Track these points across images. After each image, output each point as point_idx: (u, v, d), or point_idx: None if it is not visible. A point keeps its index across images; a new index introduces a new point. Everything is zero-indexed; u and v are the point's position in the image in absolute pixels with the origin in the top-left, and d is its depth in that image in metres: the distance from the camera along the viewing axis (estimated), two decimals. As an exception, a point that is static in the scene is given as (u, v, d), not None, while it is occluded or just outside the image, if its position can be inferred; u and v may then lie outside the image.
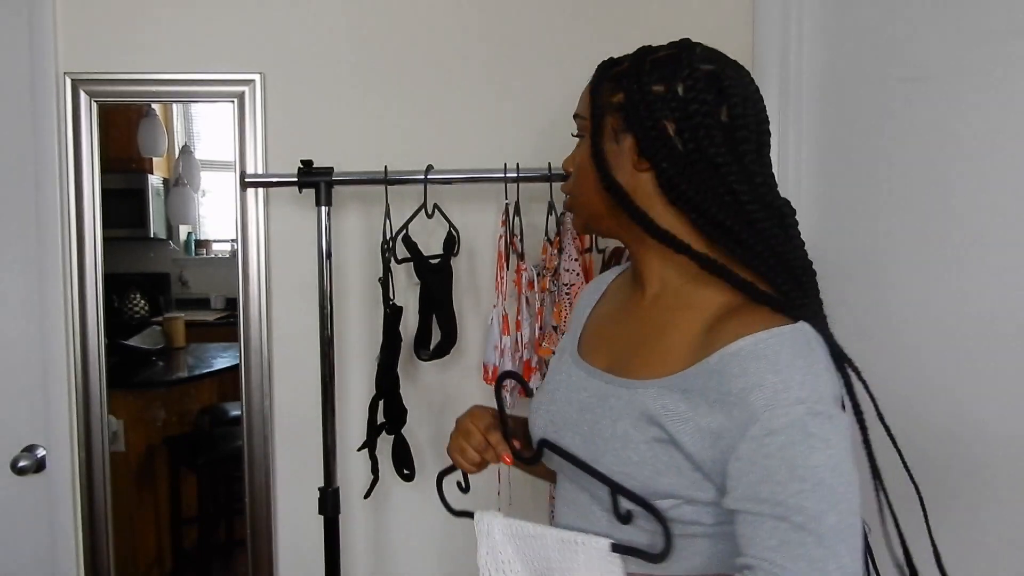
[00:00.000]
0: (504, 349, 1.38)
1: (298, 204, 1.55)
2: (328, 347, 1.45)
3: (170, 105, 1.54)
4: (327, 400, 1.46)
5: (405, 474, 1.47)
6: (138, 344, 1.96)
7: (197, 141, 1.55)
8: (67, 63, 1.51)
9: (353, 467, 1.60)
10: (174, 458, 2.00)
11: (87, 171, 1.51)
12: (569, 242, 1.38)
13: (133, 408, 1.81)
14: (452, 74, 1.57)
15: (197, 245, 2.14)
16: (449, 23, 1.57)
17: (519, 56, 1.58)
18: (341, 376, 1.56)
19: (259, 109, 1.53)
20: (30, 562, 1.54)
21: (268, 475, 1.57)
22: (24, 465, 1.49)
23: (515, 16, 1.57)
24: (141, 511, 1.79)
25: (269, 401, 1.57)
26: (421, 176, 1.43)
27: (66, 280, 1.51)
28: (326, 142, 1.55)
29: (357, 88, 1.56)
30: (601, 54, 1.62)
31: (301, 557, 1.60)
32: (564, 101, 1.59)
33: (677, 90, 0.84)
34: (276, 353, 1.58)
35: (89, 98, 1.50)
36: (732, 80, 0.85)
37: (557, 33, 1.58)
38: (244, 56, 1.54)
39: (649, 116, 0.84)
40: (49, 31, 1.49)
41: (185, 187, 1.94)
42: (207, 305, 2.14)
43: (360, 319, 1.59)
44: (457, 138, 1.57)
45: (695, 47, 0.89)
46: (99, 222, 1.53)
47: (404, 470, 1.47)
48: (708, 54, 0.88)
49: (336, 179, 1.43)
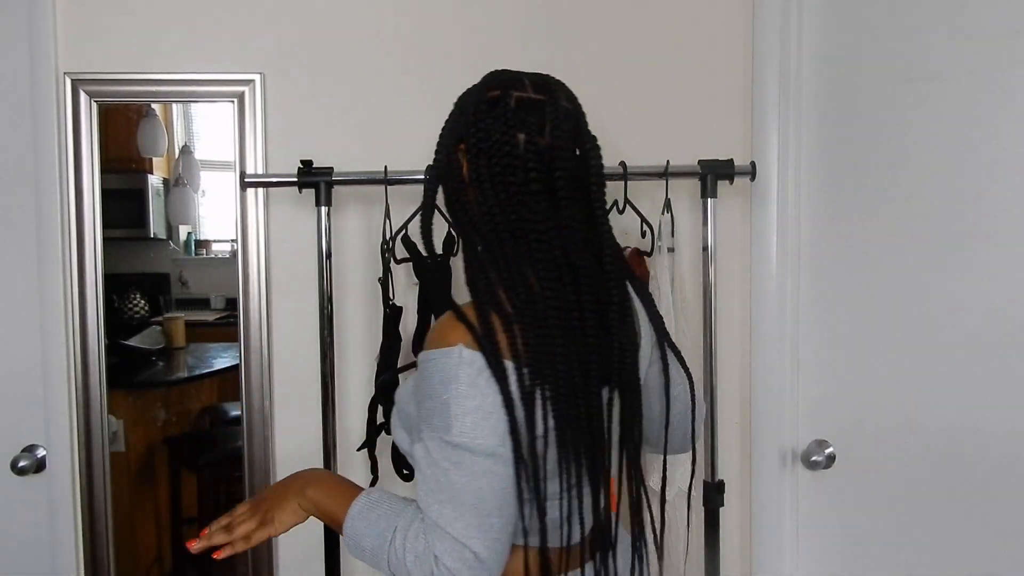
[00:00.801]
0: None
1: (298, 204, 1.55)
2: (328, 347, 1.45)
3: (170, 105, 1.54)
4: (327, 400, 1.46)
5: (405, 474, 1.47)
6: (138, 344, 1.96)
7: (197, 141, 1.55)
8: (67, 63, 1.51)
9: (353, 467, 1.60)
10: (174, 458, 2.00)
11: (87, 171, 1.51)
12: (569, 242, 1.38)
13: (133, 408, 1.81)
14: (452, 74, 1.57)
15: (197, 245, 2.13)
16: (449, 23, 1.57)
17: (519, 56, 1.58)
18: (341, 376, 1.56)
19: (259, 109, 1.53)
20: (30, 562, 1.54)
21: (268, 475, 1.57)
22: (24, 465, 1.49)
23: (515, 16, 1.57)
24: (141, 511, 1.79)
25: (269, 401, 1.57)
26: (421, 176, 1.43)
27: (66, 280, 1.51)
28: (326, 142, 1.55)
29: (357, 88, 1.56)
30: (601, 54, 1.62)
31: (301, 558, 1.60)
32: (564, 101, 1.59)
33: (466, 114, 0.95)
34: (276, 353, 1.58)
35: (89, 98, 1.50)
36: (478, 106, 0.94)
37: (556, 34, 1.58)
38: (244, 56, 1.54)
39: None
40: (49, 31, 1.49)
41: (185, 187, 1.94)
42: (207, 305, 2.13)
43: (360, 319, 1.59)
44: (457, 138, 1.57)
45: (499, 74, 0.97)
46: (99, 222, 1.53)
47: (404, 470, 1.47)
48: (491, 80, 0.96)
49: (336, 179, 1.43)
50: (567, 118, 0.93)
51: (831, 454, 1.53)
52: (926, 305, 1.38)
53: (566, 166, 0.91)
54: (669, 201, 1.46)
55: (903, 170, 1.40)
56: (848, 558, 1.52)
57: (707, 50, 1.60)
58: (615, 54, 1.59)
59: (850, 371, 1.49)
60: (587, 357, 0.89)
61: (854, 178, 1.47)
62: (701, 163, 1.46)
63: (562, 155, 0.91)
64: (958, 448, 1.36)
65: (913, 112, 1.38)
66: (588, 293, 0.90)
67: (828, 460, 1.52)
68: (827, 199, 1.52)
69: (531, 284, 0.89)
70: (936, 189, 1.36)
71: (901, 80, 1.39)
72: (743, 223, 1.62)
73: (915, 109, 1.37)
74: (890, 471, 1.45)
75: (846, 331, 1.50)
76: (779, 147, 1.56)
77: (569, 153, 0.92)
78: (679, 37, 1.60)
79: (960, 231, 1.33)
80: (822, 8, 1.51)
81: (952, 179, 1.34)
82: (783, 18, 1.54)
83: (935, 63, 1.34)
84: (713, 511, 1.50)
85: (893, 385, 1.44)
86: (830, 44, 1.50)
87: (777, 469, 1.59)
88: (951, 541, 1.38)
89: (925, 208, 1.37)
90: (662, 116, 1.60)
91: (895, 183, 1.41)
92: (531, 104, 0.92)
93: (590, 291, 0.90)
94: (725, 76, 1.60)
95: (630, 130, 1.59)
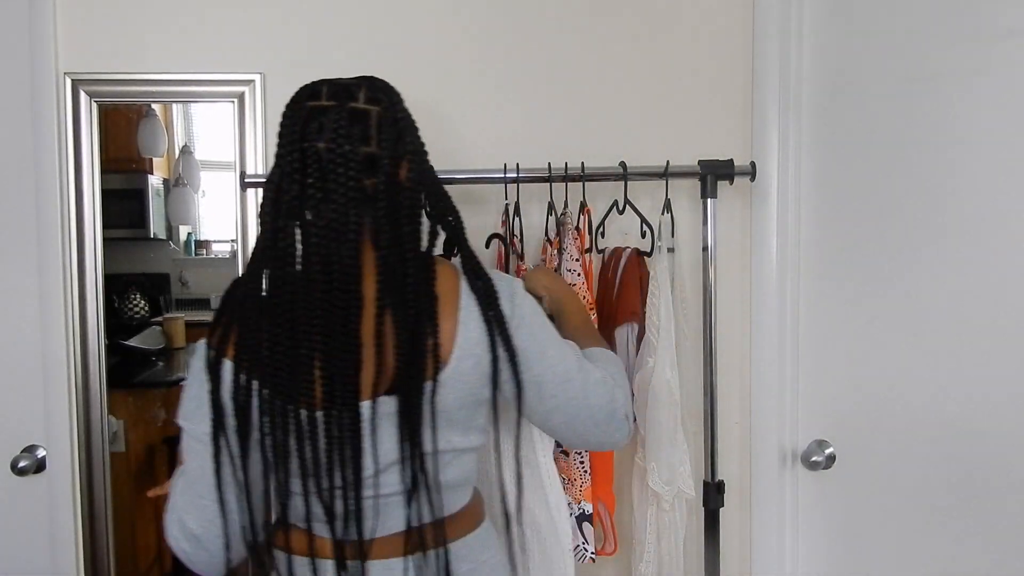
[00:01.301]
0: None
1: (298, 204, 1.55)
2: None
3: (170, 105, 1.54)
4: (327, 400, 1.46)
5: None
6: (138, 344, 1.96)
7: (197, 141, 1.55)
8: (67, 63, 1.51)
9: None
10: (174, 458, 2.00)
11: (87, 171, 1.51)
12: (570, 242, 1.38)
13: (133, 408, 1.81)
14: (451, 75, 1.57)
15: (197, 245, 2.13)
16: (448, 24, 1.57)
17: (518, 57, 1.58)
18: (341, 376, 1.56)
19: (259, 109, 1.53)
20: (30, 562, 1.54)
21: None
22: (24, 465, 1.49)
23: (514, 16, 1.57)
24: (141, 511, 1.79)
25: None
26: (421, 176, 1.43)
27: (66, 280, 1.51)
28: (326, 142, 1.55)
29: (357, 88, 1.56)
30: (600, 54, 1.62)
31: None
32: (564, 101, 1.59)
33: None
34: (276, 353, 1.58)
35: (89, 98, 1.50)
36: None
37: (555, 34, 1.58)
38: (244, 56, 1.54)
39: None
40: (49, 31, 1.49)
41: (185, 187, 1.94)
42: (207, 305, 2.13)
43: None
44: (456, 139, 1.57)
45: (308, 85, 1.02)
46: (99, 222, 1.53)
47: None
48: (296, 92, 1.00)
49: (336, 179, 1.43)
50: (354, 122, 0.93)
51: (831, 454, 1.53)
52: (927, 305, 1.38)
53: (332, 168, 0.91)
54: (669, 201, 1.46)
55: (903, 170, 1.40)
56: (848, 559, 1.52)
57: (707, 50, 1.60)
58: (615, 54, 1.59)
59: (850, 371, 1.49)
60: (329, 363, 0.91)
61: (854, 178, 1.47)
62: (701, 163, 1.46)
63: (332, 156, 0.91)
64: (959, 448, 1.36)
65: (913, 112, 1.38)
66: (316, 299, 0.91)
67: (828, 460, 1.52)
68: (827, 199, 1.52)
69: (261, 288, 0.94)
70: (936, 189, 1.36)
71: (901, 80, 1.39)
72: (743, 223, 1.62)
73: (915, 109, 1.37)
74: (891, 471, 1.45)
75: (846, 331, 1.50)
76: (779, 147, 1.56)
77: (345, 154, 0.92)
78: (679, 37, 1.60)
79: (960, 231, 1.33)
80: (822, 8, 1.51)
81: (952, 179, 1.34)
82: (783, 18, 1.54)
83: (935, 63, 1.34)
84: (713, 511, 1.50)
85: (894, 385, 1.44)
86: (830, 44, 1.50)
87: (777, 469, 1.59)
88: (952, 541, 1.38)
89: (925, 208, 1.37)
90: (662, 116, 1.60)
91: (895, 183, 1.41)
92: (319, 111, 0.94)
93: (326, 297, 0.90)
94: (725, 76, 1.60)
95: (630, 130, 1.59)
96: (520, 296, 1.02)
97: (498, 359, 0.98)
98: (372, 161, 0.93)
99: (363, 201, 0.92)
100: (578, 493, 1.38)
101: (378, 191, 0.94)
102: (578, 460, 1.38)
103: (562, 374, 1.01)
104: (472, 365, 0.97)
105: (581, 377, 1.02)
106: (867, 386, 1.47)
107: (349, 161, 0.91)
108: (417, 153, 0.99)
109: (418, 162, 0.99)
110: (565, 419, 1.03)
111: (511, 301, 1.00)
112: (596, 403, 1.02)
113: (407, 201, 0.95)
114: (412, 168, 0.97)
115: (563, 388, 1.01)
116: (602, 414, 1.03)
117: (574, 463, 1.38)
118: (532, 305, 1.03)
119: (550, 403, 1.01)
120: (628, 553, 1.52)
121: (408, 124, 0.99)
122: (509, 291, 1.01)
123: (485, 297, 0.99)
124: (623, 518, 1.53)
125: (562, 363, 1.01)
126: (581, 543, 1.37)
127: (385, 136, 0.95)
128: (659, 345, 1.39)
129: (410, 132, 0.99)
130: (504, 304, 0.99)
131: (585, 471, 1.38)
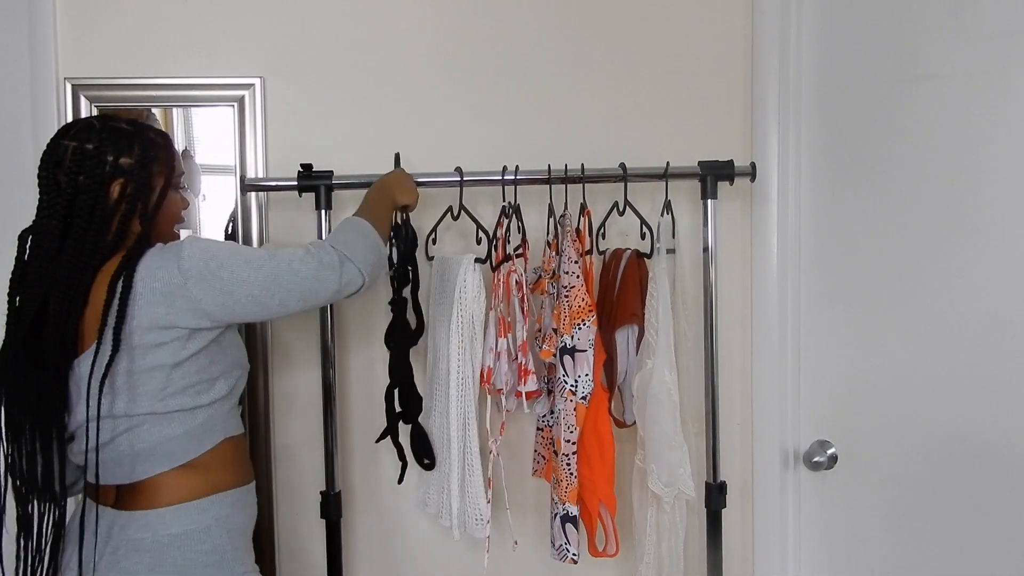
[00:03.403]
0: (500, 352, 1.38)
1: (298, 208, 1.56)
2: (328, 349, 1.45)
3: (170, 109, 1.54)
4: (328, 402, 1.46)
5: (425, 463, 1.46)
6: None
7: (197, 145, 1.55)
8: (67, 68, 1.51)
9: (354, 465, 1.60)
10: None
11: (88, 176, 1.51)
12: (568, 244, 1.38)
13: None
14: (452, 77, 1.57)
15: (199, 248, 2.14)
16: (449, 26, 1.57)
17: (518, 58, 1.58)
18: (341, 376, 1.56)
19: (259, 113, 1.53)
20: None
21: (269, 478, 1.57)
22: None
23: (513, 18, 1.58)
24: None
25: (269, 401, 1.57)
26: (422, 179, 1.43)
27: (67, 285, 1.51)
28: (326, 146, 1.56)
29: (357, 92, 1.57)
30: (600, 55, 1.62)
31: (303, 560, 1.60)
32: (564, 102, 1.59)
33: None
34: (276, 354, 1.58)
35: (89, 103, 1.51)
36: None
37: (555, 36, 1.58)
38: (244, 60, 1.54)
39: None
40: (49, 36, 1.50)
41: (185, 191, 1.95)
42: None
43: (360, 320, 1.59)
44: (456, 140, 1.58)
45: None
46: (100, 226, 1.53)
47: (424, 459, 1.46)
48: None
49: (336, 183, 1.43)
50: (54, 152, 1.13)
51: (833, 455, 1.52)
52: (927, 305, 1.38)
53: (49, 197, 1.13)
54: (669, 202, 1.46)
55: (903, 170, 1.40)
56: (851, 559, 1.52)
57: (707, 50, 1.60)
58: (615, 55, 1.59)
59: (852, 371, 1.49)
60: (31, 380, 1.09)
61: (854, 178, 1.47)
62: (701, 164, 1.46)
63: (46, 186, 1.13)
64: (961, 448, 1.35)
65: (913, 112, 1.37)
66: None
67: (830, 461, 1.52)
68: (827, 199, 1.52)
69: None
70: (936, 189, 1.36)
71: (901, 80, 1.39)
72: (743, 224, 1.62)
73: (915, 109, 1.37)
74: (893, 471, 1.45)
75: (847, 331, 1.50)
76: (779, 147, 1.56)
77: (56, 185, 1.13)
78: (679, 37, 1.60)
79: (960, 230, 1.33)
80: (822, 8, 1.51)
81: (952, 179, 1.34)
82: (783, 18, 1.54)
83: (935, 63, 1.34)
84: (715, 512, 1.50)
85: (895, 385, 1.43)
86: (830, 44, 1.50)
87: (779, 470, 1.59)
88: (954, 542, 1.38)
89: (925, 208, 1.37)
90: (662, 117, 1.60)
91: (895, 183, 1.41)
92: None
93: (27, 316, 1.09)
94: (725, 76, 1.60)
95: (630, 131, 1.59)
96: (187, 255, 1.09)
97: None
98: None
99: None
100: (564, 494, 1.36)
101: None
102: (565, 461, 1.36)
103: (261, 281, 1.11)
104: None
105: (273, 266, 1.13)
106: (869, 386, 1.47)
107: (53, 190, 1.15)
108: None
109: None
110: (294, 298, 1.15)
111: (177, 266, 1.08)
112: (305, 273, 1.14)
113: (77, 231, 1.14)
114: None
115: (270, 290, 1.12)
116: (312, 280, 1.14)
117: (561, 464, 1.36)
118: (201, 253, 1.10)
119: (272, 303, 1.13)
120: (630, 554, 1.52)
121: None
122: (174, 257, 1.10)
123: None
124: (624, 519, 1.53)
125: (256, 274, 1.11)
126: (563, 543, 1.36)
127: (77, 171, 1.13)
128: (658, 347, 1.38)
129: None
130: (173, 272, 1.08)
131: (571, 473, 1.35)
